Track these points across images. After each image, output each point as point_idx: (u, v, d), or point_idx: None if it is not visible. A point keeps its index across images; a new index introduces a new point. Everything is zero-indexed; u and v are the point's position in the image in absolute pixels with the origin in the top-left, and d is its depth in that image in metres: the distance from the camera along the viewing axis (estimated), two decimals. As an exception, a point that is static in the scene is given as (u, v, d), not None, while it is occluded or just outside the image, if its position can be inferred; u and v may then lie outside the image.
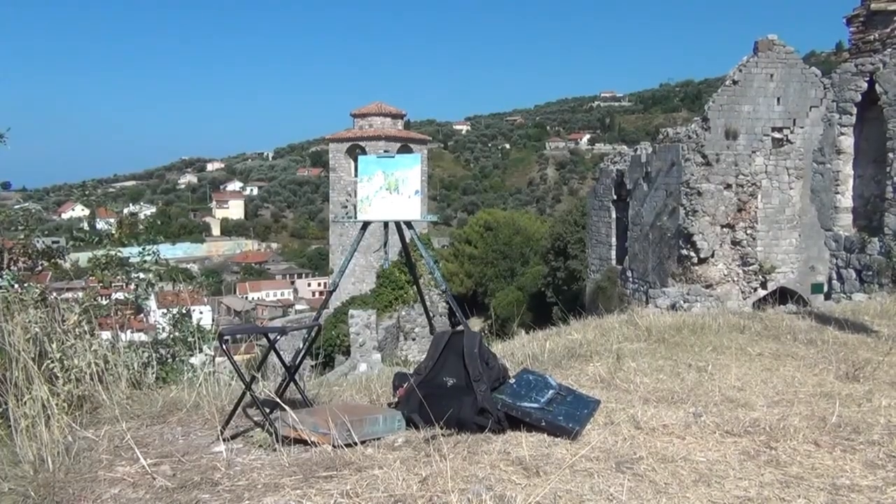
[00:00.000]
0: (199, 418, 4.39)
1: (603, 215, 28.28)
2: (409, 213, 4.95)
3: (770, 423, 3.96)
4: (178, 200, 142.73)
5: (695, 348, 6.29)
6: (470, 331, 4.38)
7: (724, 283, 22.45)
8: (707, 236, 22.06)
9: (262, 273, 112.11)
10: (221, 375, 5.54)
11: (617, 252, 27.48)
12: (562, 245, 36.73)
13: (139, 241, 8.24)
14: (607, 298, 25.28)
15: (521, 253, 48.09)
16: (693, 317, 8.26)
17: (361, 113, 49.61)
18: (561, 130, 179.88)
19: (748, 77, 22.54)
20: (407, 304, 32.51)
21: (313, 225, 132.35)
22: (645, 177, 24.62)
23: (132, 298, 7.79)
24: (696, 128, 22.63)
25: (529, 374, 4.49)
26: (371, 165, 5.09)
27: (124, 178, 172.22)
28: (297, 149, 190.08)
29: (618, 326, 7.49)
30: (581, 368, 5.46)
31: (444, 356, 4.21)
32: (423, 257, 5.64)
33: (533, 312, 36.44)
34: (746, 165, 22.50)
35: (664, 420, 4.04)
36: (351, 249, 5.19)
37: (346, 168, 48.92)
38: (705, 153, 22.24)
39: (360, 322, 26.94)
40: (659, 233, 23.69)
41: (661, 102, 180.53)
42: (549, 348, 6.22)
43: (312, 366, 9.55)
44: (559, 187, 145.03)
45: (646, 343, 6.62)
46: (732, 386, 4.93)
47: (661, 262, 23.58)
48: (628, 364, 5.51)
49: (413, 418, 4.00)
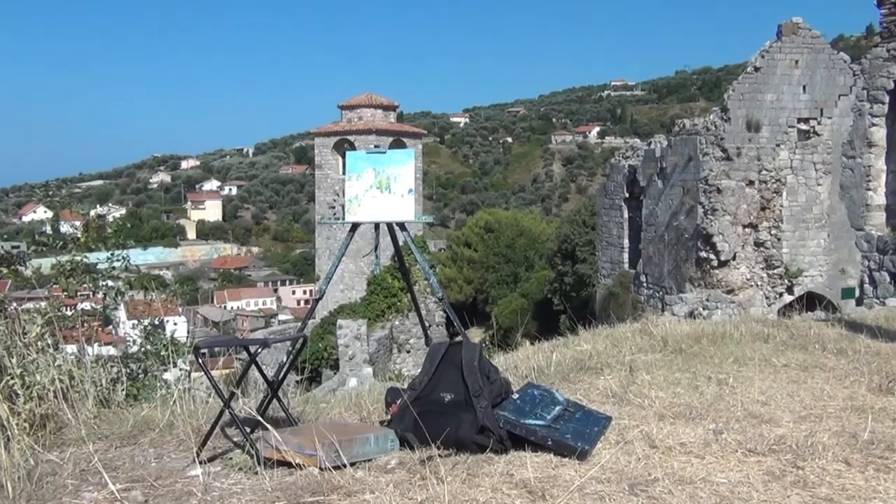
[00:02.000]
0: (173, 439, 4.39)
1: (614, 215, 28.31)
2: (402, 213, 4.96)
3: (797, 441, 3.96)
4: (149, 201, 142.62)
5: (715, 359, 6.29)
6: (469, 342, 4.37)
7: (747, 288, 22.48)
8: (728, 237, 22.09)
9: (242, 280, 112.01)
10: (198, 392, 5.53)
11: (630, 255, 27.51)
12: (569, 248, 36.74)
13: (107, 245, 8.23)
14: (619, 305, 25.29)
15: (524, 257, 48.09)
16: (713, 325, 8.26)
17: (350, 104, 49.65)
18: (568, 123, 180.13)
19: (771, 63, 22.60)
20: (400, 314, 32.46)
21: (298, 227, 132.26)
22: (660, 173, 24.66)
23: (100, 309, 7.78)
24: (715, 119, 22.67)
25: (534, 388, 4.49)
26: (360, 162, 5.10)
27: (91, 178, 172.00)
28: (280, 144, 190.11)
29: (631, 336, 7.49)
30: (591, 382, 5.45)
31: (441, 370, 4.21)
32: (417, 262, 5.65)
33: (538, 321, 36.45)
34: (770, 160, 22.54)
35: (681, 438, 4.04)
36: (339, 254, 5.19)
37: (334, 165, 48.94)
38: (725, 147, 22.28)
39: (350, 333, 26.91)
40: (675, 234, 23.72)
41: (677, 91, 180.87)
42: (556, 360, 6.22)
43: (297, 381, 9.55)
44: (566, 185, 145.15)
45: (661, 354, 6.62)
46: (756, 400, 4.93)
47: (678, 266, 23.60)
48: (642, 377, 5.51)
49: (407, 438, 3.99)
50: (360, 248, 44.33)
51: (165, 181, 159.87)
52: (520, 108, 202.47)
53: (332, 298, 42.92)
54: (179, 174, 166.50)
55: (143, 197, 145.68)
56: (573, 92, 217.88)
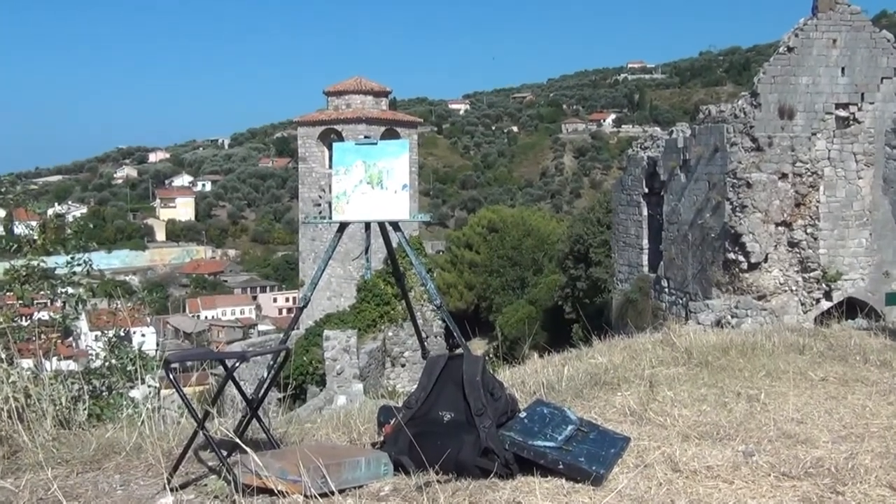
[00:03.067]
0: (141, 463, 4.39)
1: (632, 212, 28.33)
2: (395, 211, 4.96)
3: (836, 463, 3.97)
4: (113, 199, 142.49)
5: (745, 373, 6.29)
6: (471, 354, 4.38)
7: (780, 293, 22.50)
8: (759, 237, 22.11)
9: (218, 286, 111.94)
10: (168, 411, 5.52)
11: (649, 257, 27.52)
12: (582, 249, 36.74)
13: (67, 248, 8.22)
14: (638, 313, 25.29)
15: (532, 259, 48.09)
16: (742, 335, 8.27)
17: (337, 90, 49.65)
18: (580, 110, 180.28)
19: (806, 43, 22.63)
20: (394, 323, 32.46)
21: (279, 227, 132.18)
22: (682, 165, 24.68)
23: (59, 319, 7.78)
24: (744, 105, 22.70)
25: (544, 406, 4.49)
26: (349, 154, 5.10)
27: (48, 173, 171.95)
28: (259, 134, 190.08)
29: (651, 347, 7.50)
30: (607, 399, 5.46)
31: (439, 386, 4.21)
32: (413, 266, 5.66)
33: (548, 331, 36.42)
34: (805, 150, 22.57)
35: (708, 461, 4.05)
36: (325, 256, 5.19)
37: (319, 158, 48.93)
38: (755, 136, 22.31)
39: (338, 345, 26.90)
40: (700, 233, 23.74)
41: (702, 75, 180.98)
42: (568, 375, 6.22)
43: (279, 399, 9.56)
44: (578, 179, 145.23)
45: (685, 367, 6.63)
46: (790, 418, 4.93)
47: (704, 269, 23.62)
48: (664, 393, 5.51)
49: (402, 461, 3.99)
50: (348, 251, 44.29)
51: (131, 176, 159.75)
52: (526, 94, 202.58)
53: (318, 307, 42.89)
54: (147, 168, 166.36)
55: (106, 194, 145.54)
56: (586, 75, 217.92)
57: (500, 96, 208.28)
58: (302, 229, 51.52)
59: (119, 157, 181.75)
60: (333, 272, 45.63)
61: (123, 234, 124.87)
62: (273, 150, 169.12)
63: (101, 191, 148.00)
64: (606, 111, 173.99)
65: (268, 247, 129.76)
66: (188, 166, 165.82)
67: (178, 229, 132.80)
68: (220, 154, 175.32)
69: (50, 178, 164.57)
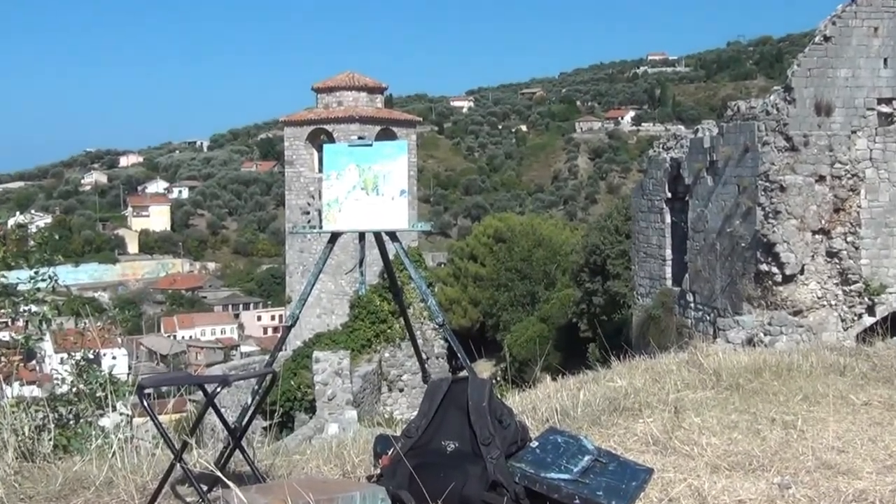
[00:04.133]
0: (112, 499, 4.38)
1: (653, 220, 28.34)
2: (392, 220, 4.97)
3: (881, 496, 3.96)
4: (81, 207, 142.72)
5: (780, 397, 6.29)
6: (477, 378, 4.38)
7: (818, 308, 22.48)
8: (794, 246, 22.11)
9: (196, 303, 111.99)
10: (142, 442, 5.52)
11: (673, 269, 27.51)
12: (599, 261, 36.77)
13: (30, 262, 8.24)
14: (661, 331, 25.26)
15: (544, 272, 48.11)
16: (777, 354, 8.27)
17: (327, 86, 49.80)
18: (596, 107, 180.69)
19: (845, 32, 22.67)
20: (391, 343, 32.48)
21: (264, 238, 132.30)
22: (709, 167, 24.70)
23: (21, 339, 7.79)
24: (777, 100, 22.73)
25: (558, 434, 4.49)
26: (341, 157, 5.12)
27: (9, 178, 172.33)
28: (242, 136, 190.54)
29: (676, 369, 7.49)
30: (627, 426, 5.45)
31: (442, 412, 4.21)
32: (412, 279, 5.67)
33: (562, 352, 36.41)
34: (844, 150, 22.58)
35: (739, 494, 4.04)
36: (315, 270, 5.20)
37: (308, 161, 49.05)
38: (789, 134, 22.33)
39: (329, 368, 26.89)
40: (729, 242, 23.73)
41: (730, 67, 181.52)
42: (584, 400, 6.22)
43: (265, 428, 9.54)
44: (594, 183, 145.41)
45: (714, 391, 6.62)
46: (830, 447, 4.92)
47: (733, 282, 23.60)
48: (690, 419, 5.51)
49: (401, 496, 3.99)
50: (340, 264, 44.38)
51: (100, 182, 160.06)
52: (536, 90, 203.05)
53: (308, 325, 42.90)
54: (117, 173, 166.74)
55: (73, 202, 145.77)
56: (601, 69, 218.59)
57: (507, 92, 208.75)
58: (289, 240, 51.57)
59: (87, 161, 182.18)
60: (324, 287, 45.65)
61: (92, 245, 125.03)
62: (257, 152, 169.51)
63: (67, 198, 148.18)
64: (624, 108, 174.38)
65: (251, 259, 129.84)
66: (163, 171, 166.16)
67: (151, 240, 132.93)
68: (198, 157, 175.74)
69: (11, 184, 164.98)
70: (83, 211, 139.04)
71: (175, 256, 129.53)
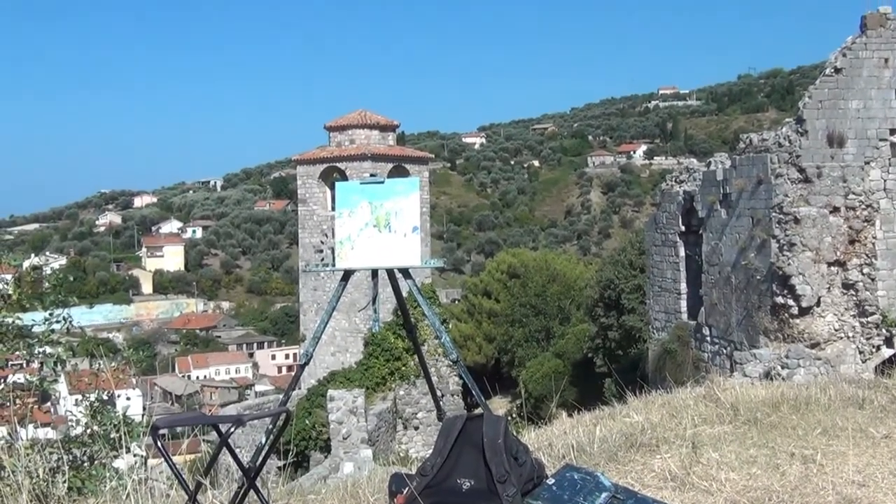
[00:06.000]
0: (127, 542, 4.37)
1: (667, 253, 28.30)
2: (405, 257, 4.99)
3: (905, 532, 3.91)
4: (95, 248, 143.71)
5: (798, 431, 6.25)
6: (492, 415, 4.36)
7: (836, 340, 22.34)
8: (810, 278, 22.02)
9: (210, 343, 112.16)
10: (157, 483, 5.51)
11: (688, 302, 27.43)
12: (613, 295, 36.69)
13: (44, 303, 8.27)
14: (677, 366, 25.15)
15: (558, 307, 48.02)
16: (795, 388, 8.23)
17: (339, 125, 50.10)
18: (608, 141, 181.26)
19: (855, 63, 22.72)
20: (406, 381, 32.38)
21: (277, 276, 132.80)
22: (723, 200, 24.69)
23: (35, 381, 7.80)
24: (789, 132, 22.75)
25: (574, 471, 4.46)
26: (353, 194, 5.15)
27: (24, 221, 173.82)
28: (255, 175, 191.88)
29: (693, 404, 7.46)
30: (645, 462, 5.42)
31: (457, 450, 4.20)
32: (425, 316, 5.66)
33: (577, 387, 36.24)
34: (858, 181, 22.55)
35: (759, 530, 4.00)
36: (329, 308, 5.21)
37: (321, 199, 49.23)
38: (802, 166, 22.33)
39: (343, 406, 26.83)
40: (745, 275, 23.66)
41: (741, 100, 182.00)
42: (601, 436, 6.19)
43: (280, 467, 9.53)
44: (607, 217, 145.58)
45: (731, 426, 6.58)
46: (851, 481, 4.88)
47: (749, 315, 23.50)
48: (708, 455, 5.47)
49: (417, 536, 3.97)
50: (354, 301, 44.35)
51: (115, 223, 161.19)
52: (548, 125, 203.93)
53: (322, 364, 42.84)
54: (132, 214, 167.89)
55: (87, 243, 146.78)
56: (613, 103, 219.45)
57: (518, 128, 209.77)
58: (302, 278, 51.66)
59: (101, 202, 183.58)
60: (338, 325, 45.65)
61: (106, 286, 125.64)
62: (270, 191, 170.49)
63: (81, 240, 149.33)
64: (636, 142, 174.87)
65: (265, 298, 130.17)
66: (177, 211, 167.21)
67: (166, 280, 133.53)
68: (211, 197, 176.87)
69: (26, 226, 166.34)
70: (98, 252, 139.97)
71: (189, 296, 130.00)
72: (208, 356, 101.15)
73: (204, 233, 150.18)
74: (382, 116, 51.10)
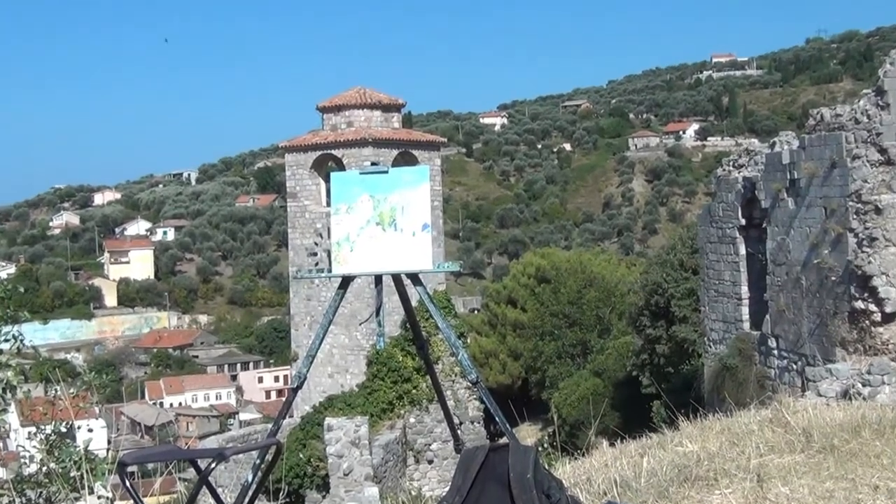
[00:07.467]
0: None
1: (725, 252, 28.25)
2: (413, 260, 5.00)
3: None
4: (49, 254, 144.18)
5: (883, 460, 6.23)
6: (519, 445, 4.37)
7: (927, 352, 22.26)
8: (894, 279, 21.96)
9: (186, 364, 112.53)
10: (125, 530, 5.54)
11: (751, 309, 27.37)
12: (662, 302, 36.65)
13: (-9, 319, 8.31)
14: (738, 384, 25.09)
15: (596, 317, 47.99)
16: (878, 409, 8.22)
17: (334, 105, 50.14)
18: (652, 119, 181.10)
19: (946, 23, 22.62)
20: (417, 406, 32.45)
21: (264, 285, 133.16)
22: (790, 187, 24.64)
23: (-19, 412, 7.84)
24: (868, 106, 22.69)
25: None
26: (352, 187, 5.16)
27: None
28: (236, 165, 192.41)
29: (758, 429, 7.45)
30: (701, 499, 5.42)
31: (478, 487, 4.21)
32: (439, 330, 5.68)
33: (620, 411, 36.21)
34: (951, 163, 22.47)
35: (839, 578, 4.00)
36: (325, 321, 5.23)
37: (314, 193, 49.33)
38: (884, 145, 22.26)
39: (344, 437, 26.89)
40: (817, 276, 23.61)
41: (810, 69, 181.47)
42: (649, 469, 6.19)
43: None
44: (653, 210, 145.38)
45: (804, 455, 6.58)
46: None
47: (824, 323, 23.44)
48: (777, 489, 5.47)
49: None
50: (355, 313, 44.44)
51: (72, 224, 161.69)
52: (581, 102, 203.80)
53: (318, 387, 42.94)
54: (91, 213, 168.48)
55: (40, 248, 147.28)
56: (658, 74, 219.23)
57: (546, 105, 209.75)
58: (293, 287, 51.76)
59: (56, 199, 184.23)
60: (336, 341, 45.68)
61: (63, 299, 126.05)
62: (254, 184, 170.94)
63: (33, 244, 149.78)
64: (686, 120, 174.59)
65: (250, 311, 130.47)
66: (145, 209, 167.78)
67: (132, 291, 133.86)
68: (185, 192, 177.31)
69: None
70: (52, 258, 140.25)
71: (160, 309, 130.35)
72: (184, 380, 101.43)
73: (177, 234, 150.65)
74: (385, 94, 51.07)
